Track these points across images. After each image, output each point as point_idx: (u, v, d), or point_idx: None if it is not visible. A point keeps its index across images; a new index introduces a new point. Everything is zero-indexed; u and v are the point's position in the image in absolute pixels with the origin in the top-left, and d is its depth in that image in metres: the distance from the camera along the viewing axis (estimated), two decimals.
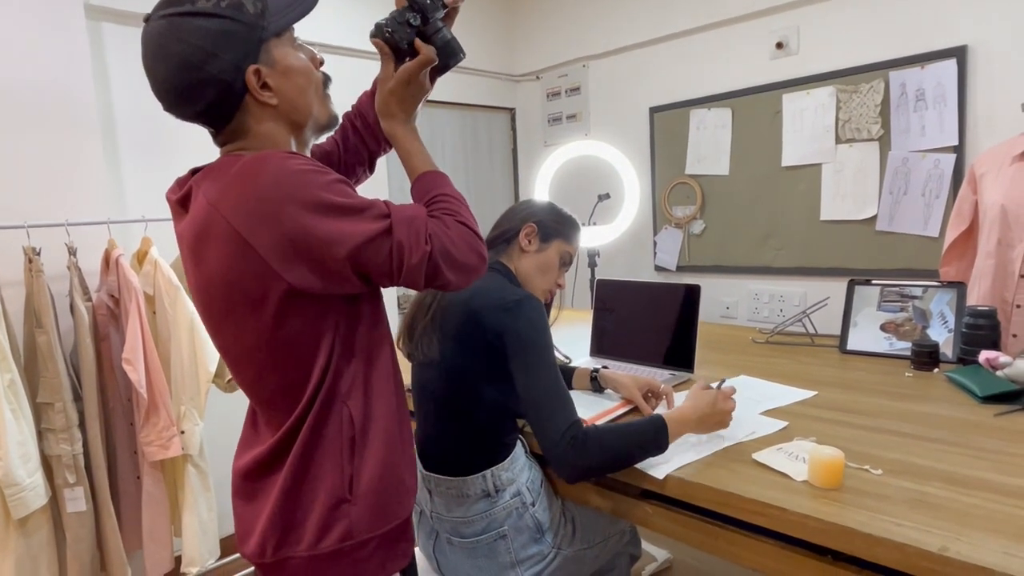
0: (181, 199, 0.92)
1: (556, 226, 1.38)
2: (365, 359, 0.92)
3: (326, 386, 0.89)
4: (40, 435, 1.80)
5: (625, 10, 3.05)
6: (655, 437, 1.11)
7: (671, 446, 1.14)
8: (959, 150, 2.21)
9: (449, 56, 0.98)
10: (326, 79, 0.97)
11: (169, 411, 1.93)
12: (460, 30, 1.08)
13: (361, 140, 1.13)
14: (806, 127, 2.56)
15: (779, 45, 2.58)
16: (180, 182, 0.94)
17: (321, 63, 0.97)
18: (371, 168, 1.18)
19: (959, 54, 2.17)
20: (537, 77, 3.55)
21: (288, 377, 0.89)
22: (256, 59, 0.87)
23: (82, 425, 1.86)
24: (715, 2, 2.73)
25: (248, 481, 0.95)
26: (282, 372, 0.89)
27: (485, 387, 1.21)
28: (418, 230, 0.85)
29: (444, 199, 0.93)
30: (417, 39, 0.95)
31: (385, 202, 0.87)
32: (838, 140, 2.48)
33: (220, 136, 0.93)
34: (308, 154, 1.01)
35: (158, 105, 0.91)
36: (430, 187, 0.95)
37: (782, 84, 2.60)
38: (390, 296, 3.03)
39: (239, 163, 0.84)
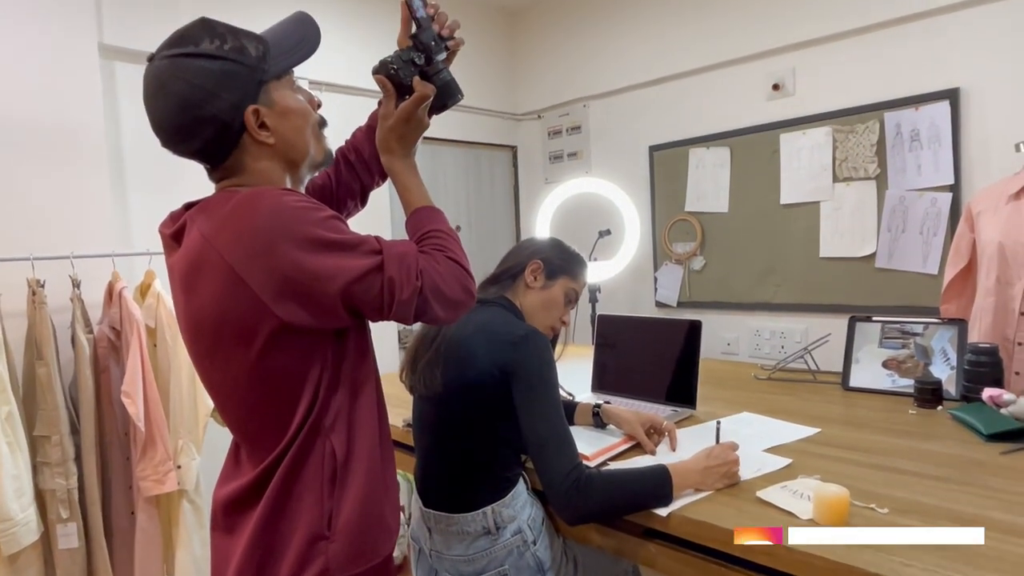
0: (175, 233, 0.92)
1: (562, 263, 1.39)
2: (350, 393, 0.91)
3: (311, 420, 0.88)
4: (35, 469, 1.78)
5: (625, 51, 3.13)
6: (659, 487, 1.10)
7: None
8: (955, 189, 2.24)
9: (448, 96, 1.01)
10: (322, 121, 0.99)
11: (166, 445, 1.91)
12: (464, 70, 1.12)
13: (354, 174, 1.15)
14: (803, 166, 2.59)
15: (776, 87, 2.64)
16: (174, 216, 0.95)
17: (319, 105, 0.99)
18: (363, 202, 1.20)
19: (952, 96, 2.22)
20: (539, 116, 3.61)
21: (274, 411, 0.88)
22: (255, 100, 0.89)
23: (78, 459, 1.84)
24: (713, 44, 2.80)
25: (227, 515, 0.94)
26: (268, 406, 0.88)
27: (488, 422, 1.20)
28: (409, 266, 0.86)
29: (436, 235, 0.94)
30: (416, 77, 0.97)
31: (376, 238, 0.88)
32: (835, 179, 2.51)
33: (216, 172, 0.94)
34: (303, 190, 1.03)
35: None
36: (424, 223, 0.97)
37: (779, 124, 2.65)
38: (391, 330, 3.03)
39: (235, 199, 0.85)
